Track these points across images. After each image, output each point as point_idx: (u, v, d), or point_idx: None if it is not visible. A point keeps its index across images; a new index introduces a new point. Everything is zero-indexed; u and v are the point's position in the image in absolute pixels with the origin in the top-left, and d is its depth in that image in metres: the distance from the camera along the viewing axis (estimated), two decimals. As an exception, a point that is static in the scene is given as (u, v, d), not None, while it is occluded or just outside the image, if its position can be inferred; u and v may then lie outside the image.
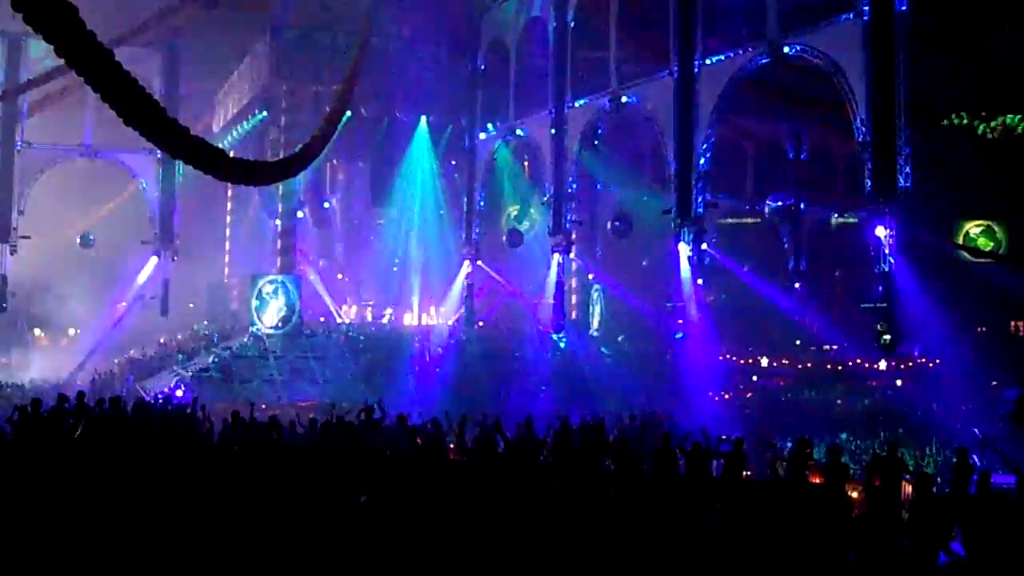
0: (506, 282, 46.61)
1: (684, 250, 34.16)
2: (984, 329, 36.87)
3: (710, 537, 12.63)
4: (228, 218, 58.91)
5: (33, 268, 49.57)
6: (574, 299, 46.00)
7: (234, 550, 11.59)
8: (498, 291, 47.72)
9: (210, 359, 40.70)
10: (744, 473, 18.81)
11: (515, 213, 47.70)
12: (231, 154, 44.97)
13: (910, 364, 35.74)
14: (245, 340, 42.67)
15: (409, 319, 50.74)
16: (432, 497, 13.97)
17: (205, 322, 52.18)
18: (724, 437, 19.86)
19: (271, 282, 44.05)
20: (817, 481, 17.65)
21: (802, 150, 41.98)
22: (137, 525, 11.94)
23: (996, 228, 36.81)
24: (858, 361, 37.60)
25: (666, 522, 13.13)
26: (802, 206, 42.08)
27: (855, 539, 13.55)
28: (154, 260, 50.64)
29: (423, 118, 49.49)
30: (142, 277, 50.96)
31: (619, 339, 42.61)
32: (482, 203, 47.10)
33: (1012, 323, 38.51)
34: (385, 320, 49.79)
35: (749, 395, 36.19)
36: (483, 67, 47.19)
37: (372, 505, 13.13)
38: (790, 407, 32.80)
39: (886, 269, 26.42)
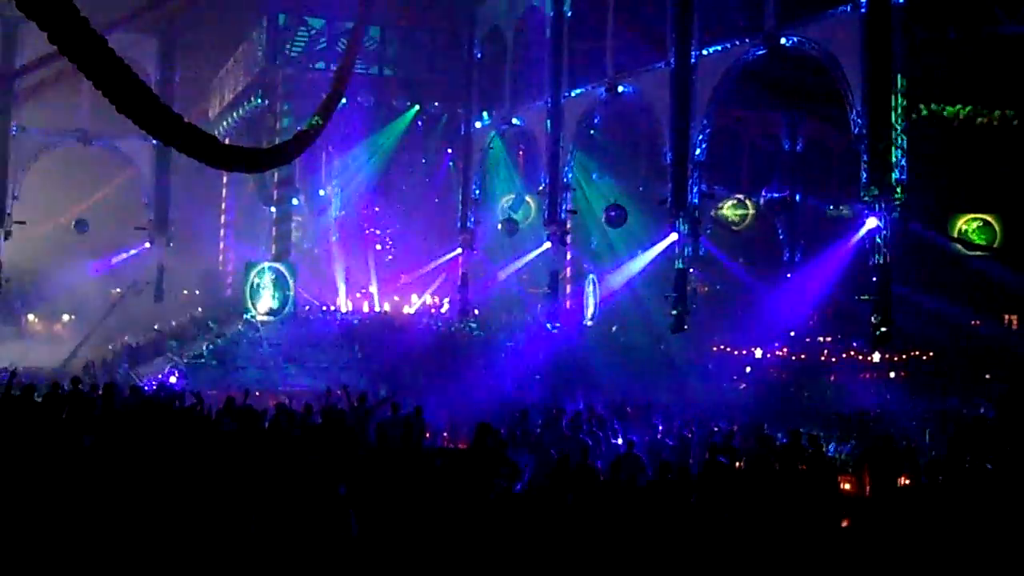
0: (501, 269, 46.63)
1: (673, 239, 34.23)
2: (978, 322, 36.95)
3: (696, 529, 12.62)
4: (223, 204, 58.80)
5: (28, 254, 49.46)
6: (569, 289, 46.01)
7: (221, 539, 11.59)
8: (493, 279, 47.72)
9: (205, 346, 40.67)
10: (736, 464, 18.84)
11: (510, 202, 47.63)
12: (227, 141, 45.05)
13: (904, 356, 35.83)
14: (240, 327, 42.63)
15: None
16: (421, 488, 13.98)
17: (200, 309, 52.14)
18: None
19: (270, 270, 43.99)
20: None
21: (798, 142, 41.95)
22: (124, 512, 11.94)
23: (991, 221, 36.87)
24: (852, 353, 37.67)
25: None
26: (797, 198, 42.09)
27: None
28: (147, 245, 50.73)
29: (416, 106, 49.49)
30: (127, 259, 51.06)
31: (613, 329, 42.61)
32: (477, 192, 47.05)
33: (1005, 316, 38.61)
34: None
35: (743, 386, 36.28)
36: (479, 56, 47.10)
37: (359, 496, 13.12)
38: (784, 398, 32.89)
39: (880, 261, 26.44)
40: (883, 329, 26.56)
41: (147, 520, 11.81)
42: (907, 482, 17.56)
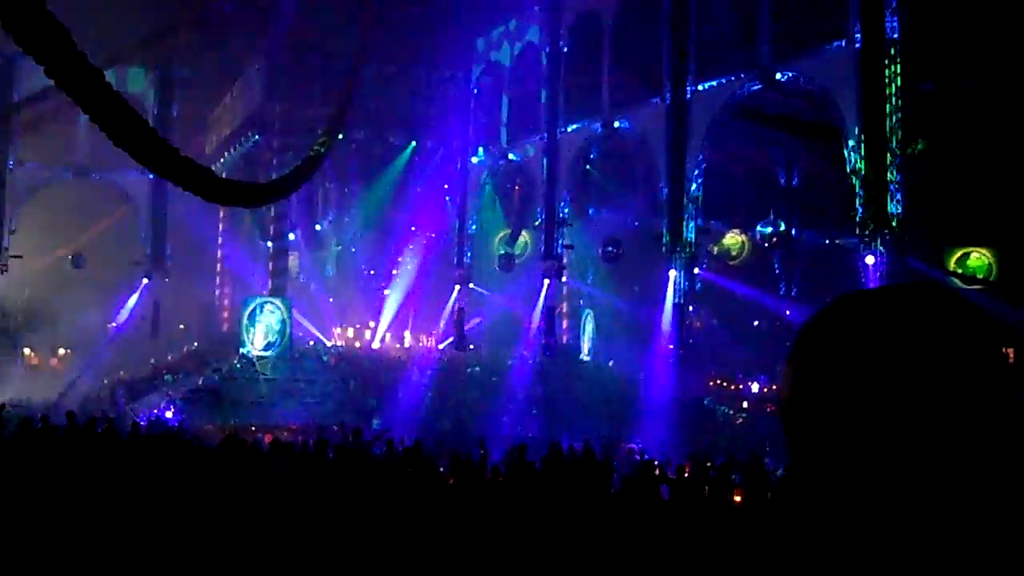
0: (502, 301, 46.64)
1: (674, 275, 34.29)
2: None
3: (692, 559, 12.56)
4: (220, 239, 58.82)
5: (24, 288, 49.46)
6: (565, 324, 46.00)
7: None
8: (490, 314, 47.72)
9: (200, 381, 40.57)
10: (735, 498, 18.77)
11: (505, 237, 47.74)
12: (223, 176, 45.11)
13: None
14: (235, 362, 42.55)
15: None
16: (422, 519, 13.91)
17: (196, 343, 52.07)
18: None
19: (266, 305, 43.88)
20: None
21: (794, 176, 42.05)
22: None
23: (987, 254, 36.90)
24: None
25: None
26: (793, 232, 42.16)
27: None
28: (144, 282, 50.63)
29: (413, 142, 49.59)
30: (133, 299, 50.88)
31: (609, 364, 42.58)
32: (473, 227, 47.15)
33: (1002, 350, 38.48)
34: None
35: (740, 421, 36.21)
36: (476, 91, 47.31)
37: (360, 527, 13.07)
38: (780, 433, 32.80)
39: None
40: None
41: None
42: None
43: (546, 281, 41.07)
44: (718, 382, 40.59)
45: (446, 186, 51.34)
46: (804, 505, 1.52)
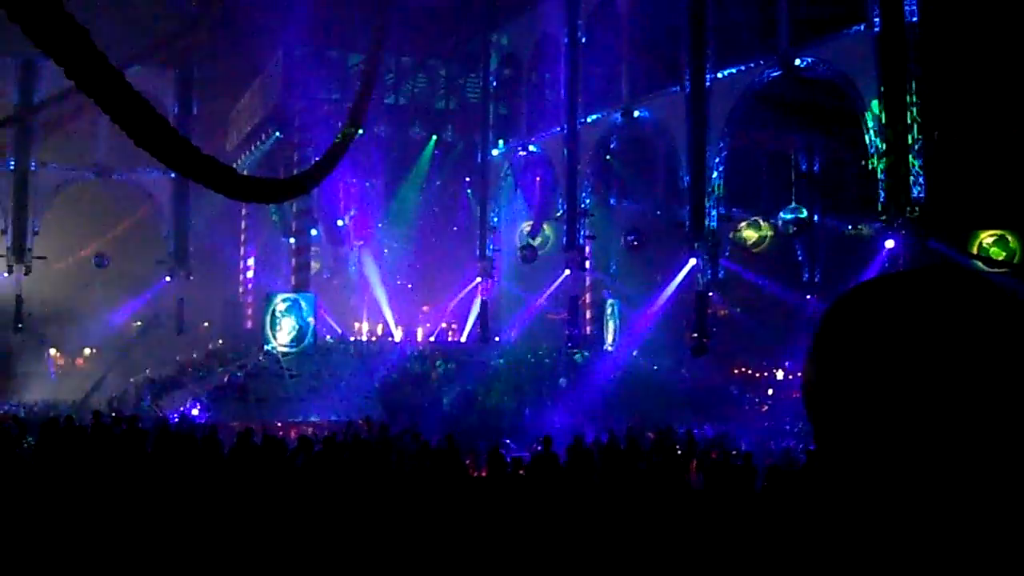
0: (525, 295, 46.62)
1: (692, 263, 34.24)
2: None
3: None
4: (243, 236, 58.93)
5: (48, 288, 49.67)
6: (588, 314, 45.93)
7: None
8: (513, 306, 47.72)
9: (225, 378, 40.64)
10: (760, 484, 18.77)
11: (528, 229, 47.68)
12: (245, 173, 45.20)
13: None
14: (260, 358, 42.62)
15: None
16: (449, 514, 13.95)
17: (220, 341, 52.19)
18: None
19: (290, 301, 43.96)
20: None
21: (815, 162, 41.88)
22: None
23: (1010, 237, 36.68)
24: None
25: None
26: (816, 218, 42.00)
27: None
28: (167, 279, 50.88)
29: (434, 136, 49.59)
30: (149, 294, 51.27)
31: (632, 354, 42.50)
32: (495, 219, 47.11)
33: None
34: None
35: (765, 408, 36.17)
36: (495, 84, 47.25)
37: (388, 521, 13.11)
38: (805, 419, 32.73)
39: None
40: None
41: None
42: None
43: (565, 271, 41.02)
44: (743, 370, 40.56)
45: (467, 179, 51.35)
46: (829, 489, 1.52)
